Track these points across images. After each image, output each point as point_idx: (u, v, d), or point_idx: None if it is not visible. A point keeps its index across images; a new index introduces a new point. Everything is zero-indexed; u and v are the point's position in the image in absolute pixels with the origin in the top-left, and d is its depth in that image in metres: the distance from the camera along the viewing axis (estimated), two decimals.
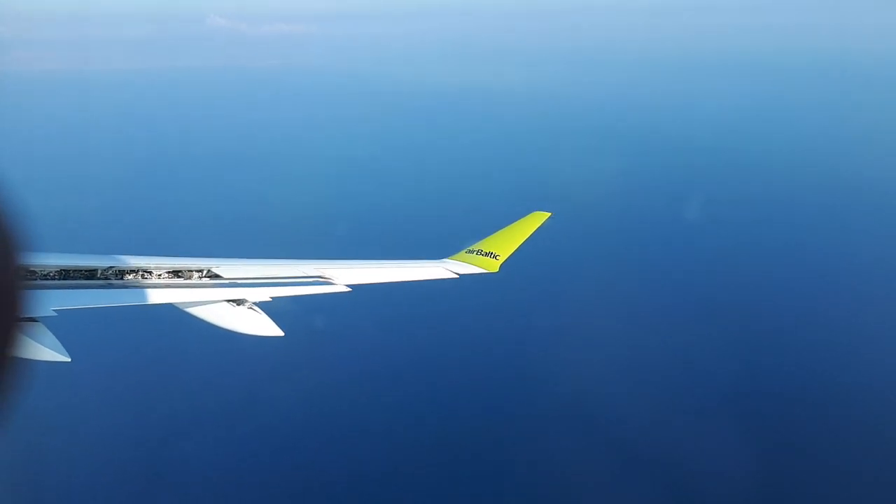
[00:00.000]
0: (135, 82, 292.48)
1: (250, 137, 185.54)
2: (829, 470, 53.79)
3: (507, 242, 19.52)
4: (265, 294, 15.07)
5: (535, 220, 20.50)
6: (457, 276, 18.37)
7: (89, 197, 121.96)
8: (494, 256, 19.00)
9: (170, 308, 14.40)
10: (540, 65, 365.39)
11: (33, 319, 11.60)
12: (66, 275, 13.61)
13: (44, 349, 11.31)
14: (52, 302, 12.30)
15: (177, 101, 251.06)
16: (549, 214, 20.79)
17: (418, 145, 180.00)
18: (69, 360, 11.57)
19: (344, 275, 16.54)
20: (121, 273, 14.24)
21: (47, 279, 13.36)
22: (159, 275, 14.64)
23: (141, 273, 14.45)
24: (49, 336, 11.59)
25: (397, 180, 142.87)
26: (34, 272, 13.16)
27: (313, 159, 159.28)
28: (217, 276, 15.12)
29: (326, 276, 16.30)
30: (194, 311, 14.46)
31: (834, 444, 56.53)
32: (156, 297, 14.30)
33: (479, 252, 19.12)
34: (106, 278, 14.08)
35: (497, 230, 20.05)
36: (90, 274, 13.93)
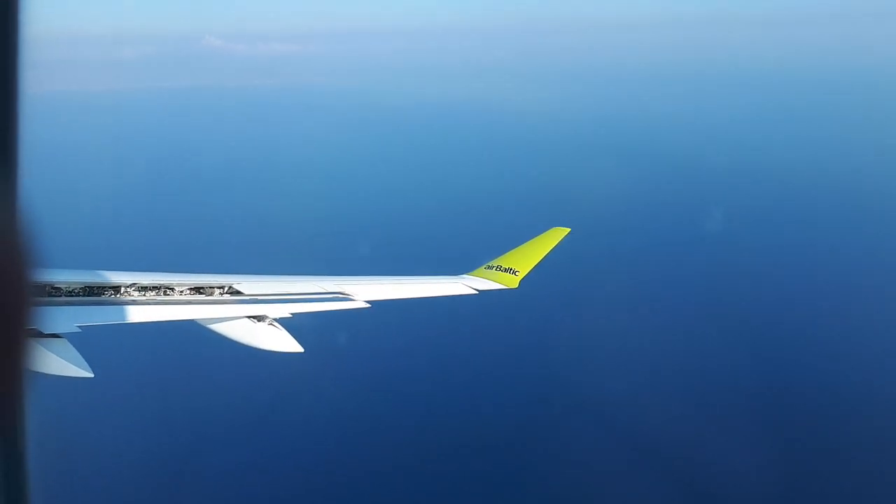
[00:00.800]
0: (134, 102, 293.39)
1: (258, 155, 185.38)
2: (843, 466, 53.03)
3: (526, 258, 19.48)
4: (285, 310, 15.20)
5: (555, 236, 20.44)
6: (476, 291, 18.35)
7: (101, 214, 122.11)
8: (514, 272, 18.97)
9: (191, 324, 14.55)
10: (550, 82, 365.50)
11: (57, 335, 11.78)
12: (90, 291, 13.83)
13: (67, 364, 11.47)
14: (76, 318, 12.50)
15: (177, 120, 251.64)
16: (568, 230, 20.73)
17: (432, 162, 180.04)
18: (92, 375, 11.72)
19: (363, 291, 16.64)
20: (143, 289, 14.44)
21: (71, 295, 13.57)
22: (181, 291, 14.82)
23: (163, 290, 14.64)
24: (72, 351, 11.75)
25: (413, 197, 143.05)
26: (59, 289, 13.38)
27: (325, 176, 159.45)
28: (238, 293, 15.27)
29: (346, 293, 16.40)
30: (215, 327, 14.61)
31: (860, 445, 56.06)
32: (177, 313, 14.49)
33: (498, 268, 19.09)
34: (129, 295, 14.29)
35: (516, 246, 20.01)
36: (113, 290, 14.16)
